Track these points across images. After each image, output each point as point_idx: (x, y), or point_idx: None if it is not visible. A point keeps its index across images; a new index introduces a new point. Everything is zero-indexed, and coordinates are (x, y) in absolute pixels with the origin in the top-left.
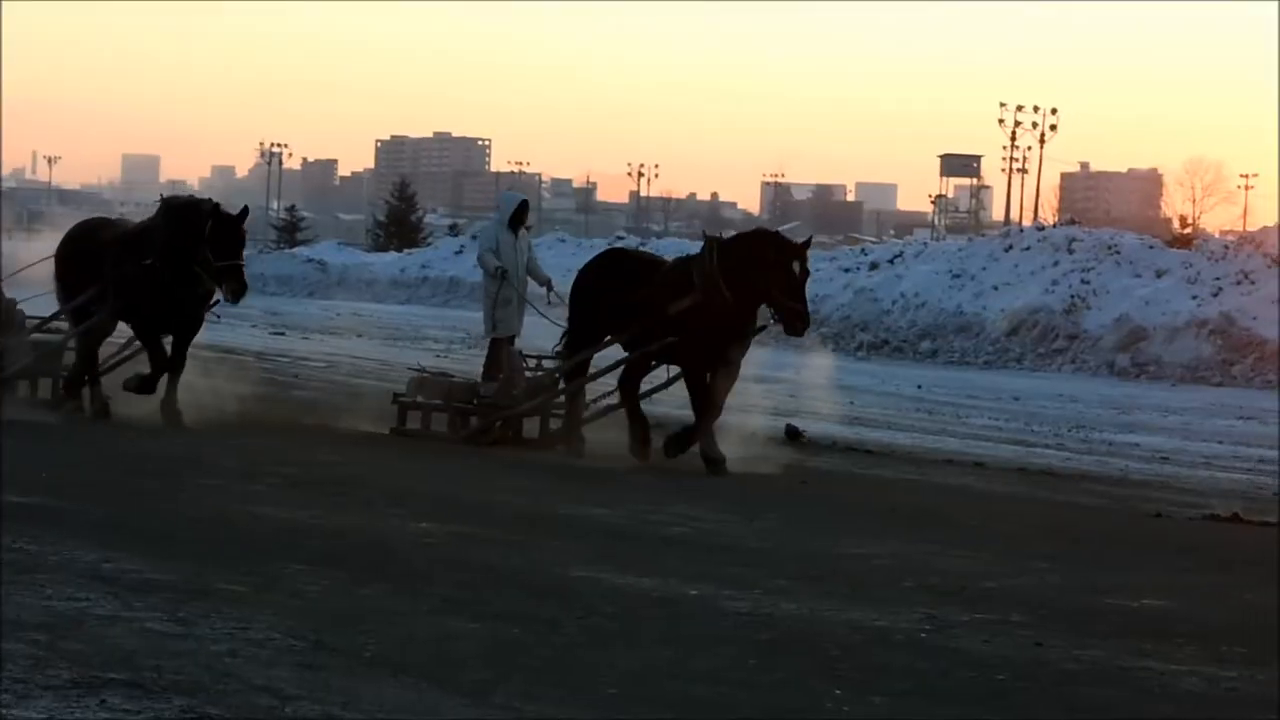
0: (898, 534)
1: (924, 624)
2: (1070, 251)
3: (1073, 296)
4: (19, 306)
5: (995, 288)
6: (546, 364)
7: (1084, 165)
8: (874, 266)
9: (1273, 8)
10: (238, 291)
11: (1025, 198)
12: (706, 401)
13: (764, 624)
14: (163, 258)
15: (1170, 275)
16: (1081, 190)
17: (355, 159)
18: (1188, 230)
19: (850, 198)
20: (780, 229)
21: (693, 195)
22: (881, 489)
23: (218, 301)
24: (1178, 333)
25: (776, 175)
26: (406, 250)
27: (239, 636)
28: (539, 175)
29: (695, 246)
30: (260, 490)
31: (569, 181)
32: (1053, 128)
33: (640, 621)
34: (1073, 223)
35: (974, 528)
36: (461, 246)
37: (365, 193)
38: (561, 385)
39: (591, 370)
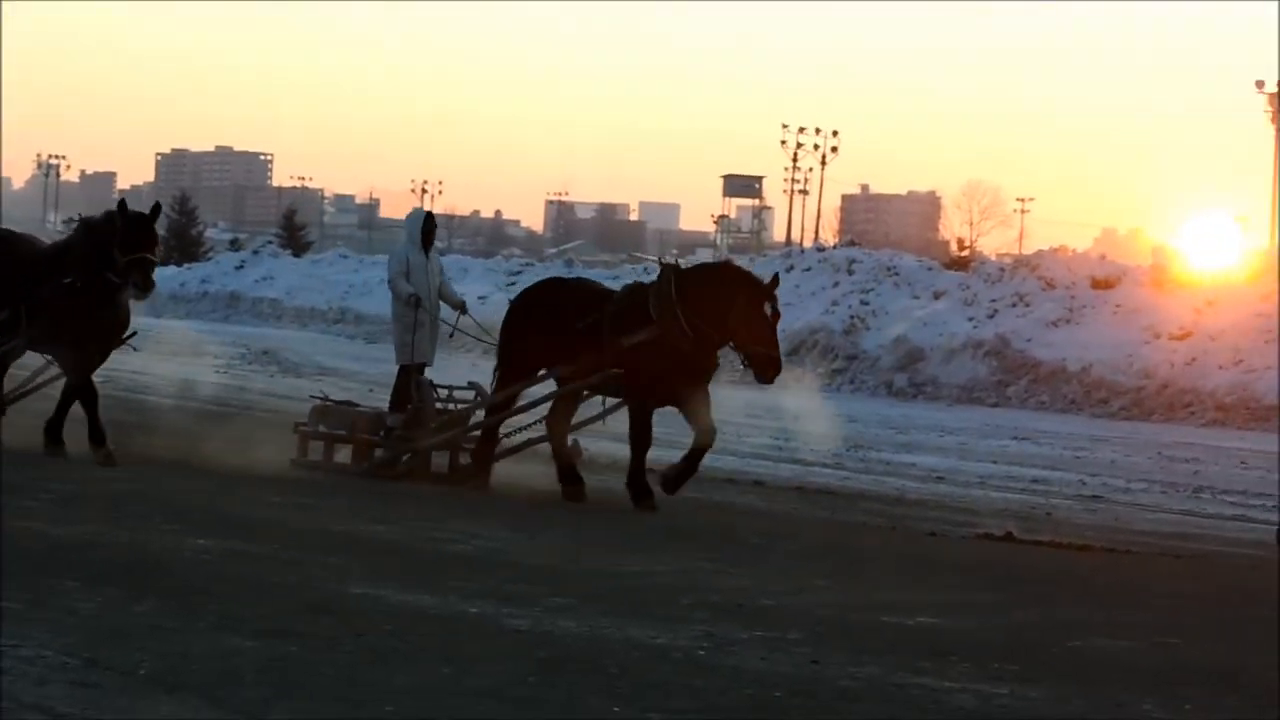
0: (678, 551)
1: (703, 641)
2: (850, 272)
3: (852, 317)
4: None
5: None
6: (459, 394)
7: (864, 187)
8: None
9: (1047, 38)
10: (142, 285)
11: (806, 219)
12: (645, 437)
13: (544, 641)
14: (81, 274)
15: (948, 297)
16: (861, 212)
17: (135, 172)
18: (965, 253)
19: (634, 217)
20: (563, 247)
21: (476, 213)
22: (663, 507)
23: (134, 334)
24: (954, 354)
25: (560, 194)
26: (186, 265)
27: (10, 654)
28: (321, 191)
29: (476, 264)
30: (32, 506)
31: (352, 197)
32: (834, 150)
33: (419, 639)
34: (853, 244)
35: (754, 546)
36: (242, 262)
37: (146, 206)
38: (479, 417)
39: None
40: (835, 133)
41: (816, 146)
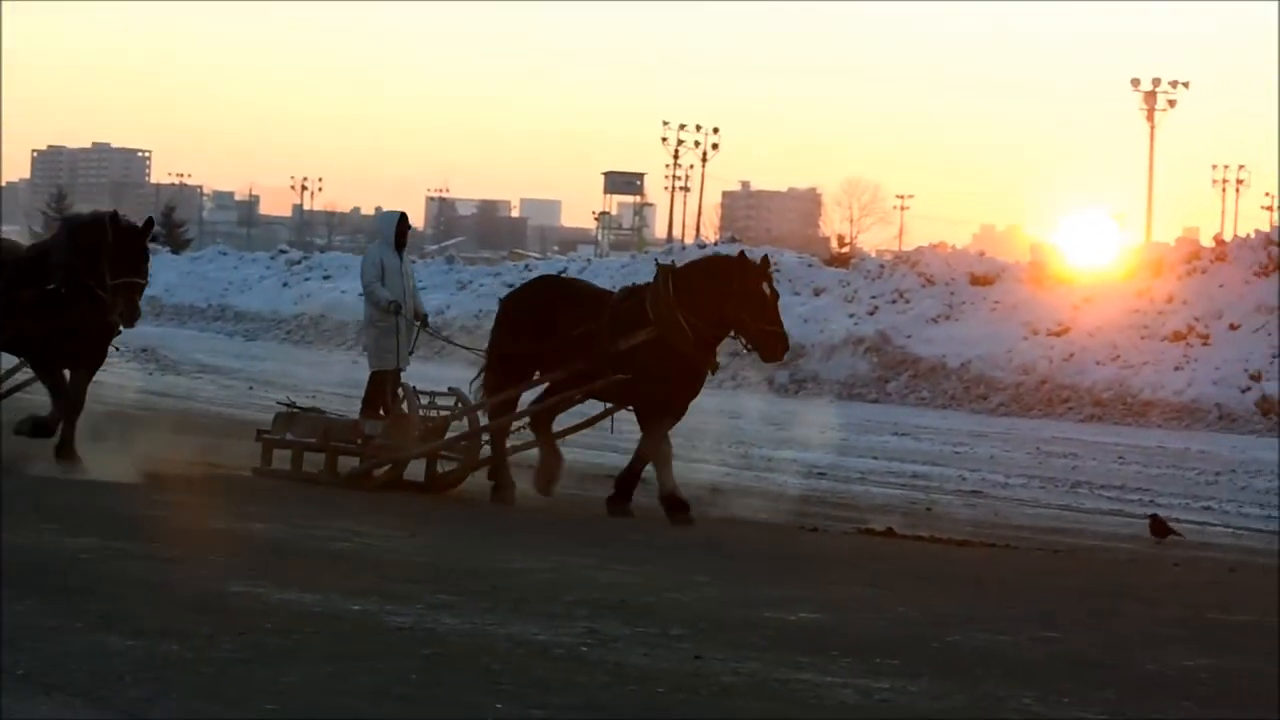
0: (560, 549)
1: (585, 638)
2: None
3: None
4: None
5: None
6: (441, 401)
7: (745, 184)
8: None
9: (926, 35)
10: (128, 316)
11: (687, 215)
12: (665, 450)
13: (426, 639)
14: (67, 282)
15: (828, 293)
16: (742, 208)
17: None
18: (845, 249)
19: (515, 214)
20: (444, 244)
21: (357, 209)
22: (544, 504)
23: (119, 332)
24: (835, 350)
25: (441, 190)
26: None
27: None
28: (200, 188)
29: (358, 261)
30: None
31: (231, 194)
32: (714, 147)
33: (301, 637)
34: (734, 240)
35: (636, 543)
36: None
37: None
38: (479, 424)
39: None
40: (716, 130)
41: (697, 144)
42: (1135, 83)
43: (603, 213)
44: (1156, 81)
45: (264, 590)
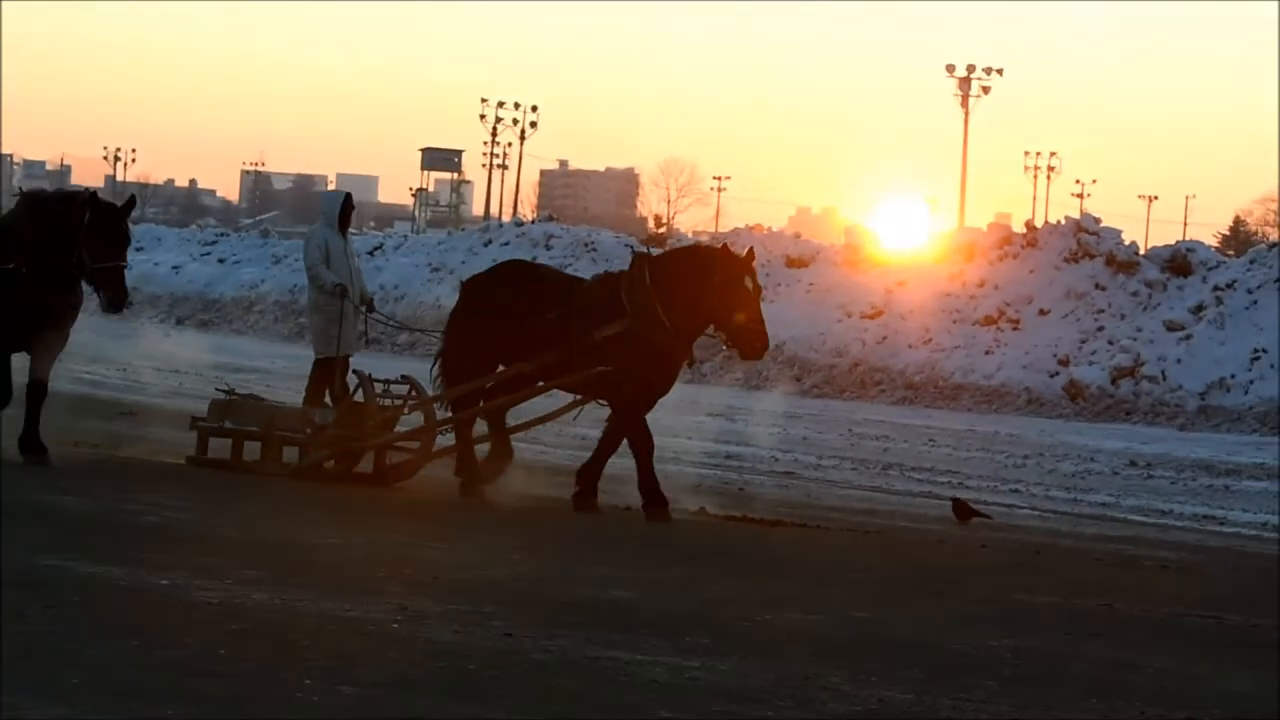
0: (373, 525)
1: (396, 614)
2: (548, 248)
3: None
4: None
5: None
6: (395, 389)
7: (563, 163)
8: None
9: (744, 17)
10: (115, 300)
11: (505, 193)
12: (647, 440)
13: (235, 614)
14: (30, 260)
15: None
16: (560, 187)
17: None
18: (662, 229)
19: (331, 188)
20: (260, 218)
21: (171, 181)
22: (366, 481)
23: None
24: None
25: (256, 164)
26: None
27: None
28: (10, 156)
29: (170, 234)
30: None
31: (42, 164)
32: (533, 125)
33: (108, 611)
34: (551, 219)
35: (449, 521)
36: None
37: None
38: (435, 414)
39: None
40: (535, 108)
41: (516, 121)
42: (950, 69)
43: (420, 189)
44: (971, 68)
45: (72, 564)
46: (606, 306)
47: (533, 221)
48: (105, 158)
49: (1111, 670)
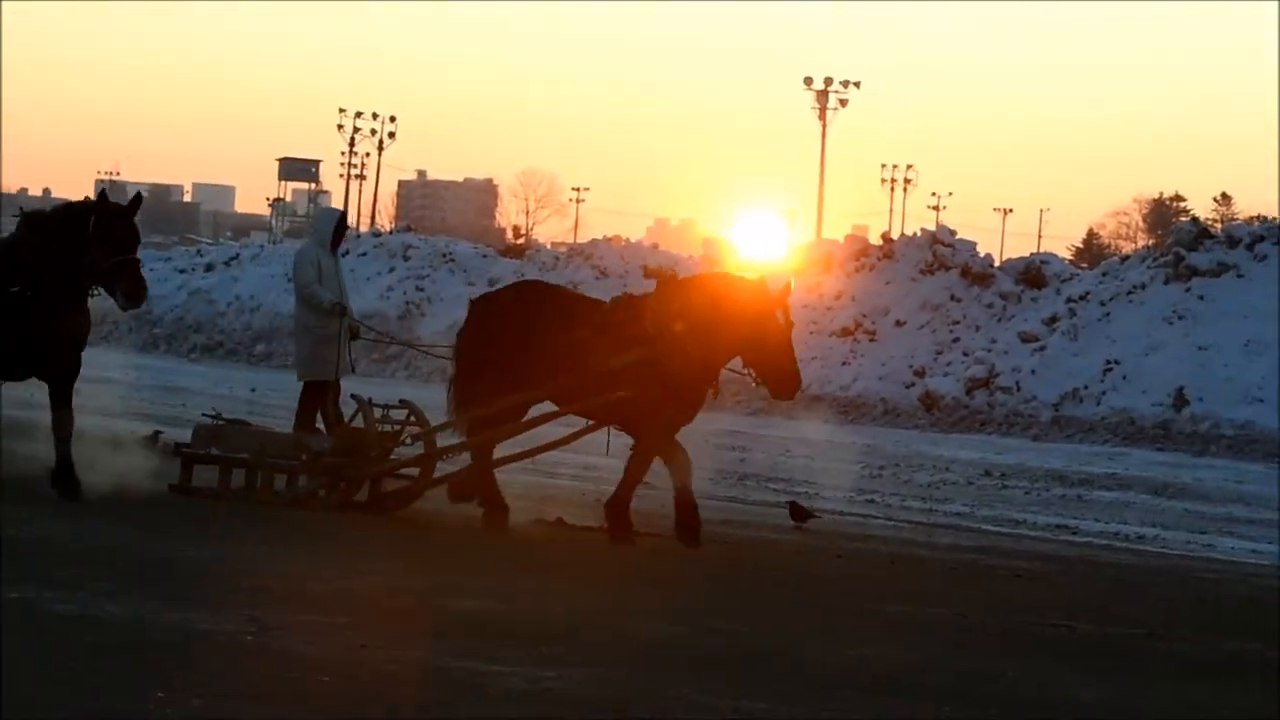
0: (231, 537)
1: (249, 626)
2: (406, 258)
3: (408, 302)
4: None
5: None
6: (394, 414)
7: (421, 173)
8: (209, 268)
9: (602, 28)
10: (134, 293)
11: (363, 204)
12: (642, 471)
13: (90, 626)
14: (37, 283)
15: (503, 284)
16: (418, 198)
17: None
18: (521, 240)
19: (188, 198)
20: None
21: (24, 189)
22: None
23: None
24: None
25: (111, 173)
26: None
27: None
28: None
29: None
30: None
31: None
32: (391, 135)
33: None
34: (409, 229)
35: (310, 534)
36: None
37: None
38: (435, 440)
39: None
40: (393, 118)
41: (374, 131)
42: (808, 81)
43: (277, 199)
44: (829, 81)
45: None
46: (628, 332)
47: (390, 232)
48: None
49: (966, 679)
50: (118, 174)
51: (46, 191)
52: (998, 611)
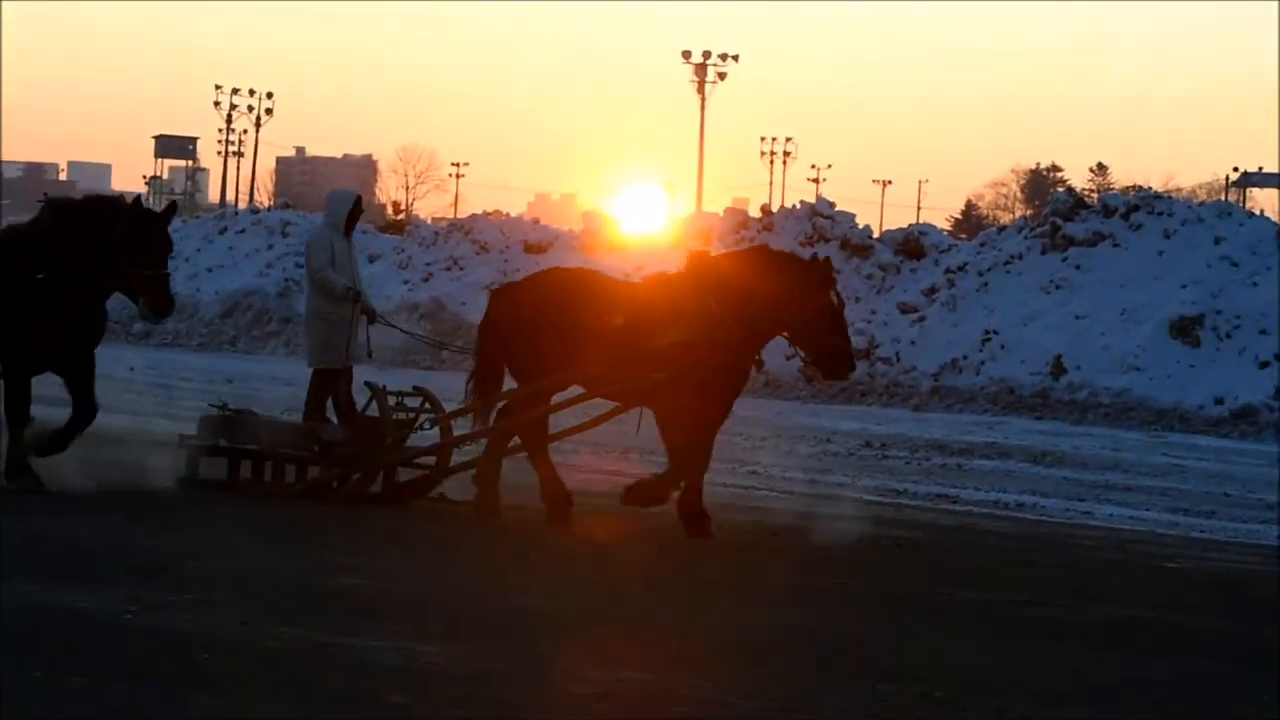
0: (106, 515)
1: (129, 605)
2: (285, 235)
3: (287, 280)
4: None
5: (210, 270)
6: (409, 403)
7: (300, 149)
8: None
9: (473, 7)
10: (161, 307)
11: (241, 181)
12: (686, 456)
13: None
14: (63, 271)
15: (383, 260)
16: (297, 174)
17: None
18: (401, 216)
19: (63, 177)
20: None
21: None
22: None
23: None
24: (389, 316)
25: None
26: None
27: None
28: None
29: None
30: None
31: None
32: (269, 111)
33: None
34: (288, 206)
35: (187, 512)
36: None
37: None
38: (451, 428)
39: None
40: (270, 94)
41: (251, 108)
42: (686, 55)
43: (154, 177)
44: (707, 54)
45: None
46: (666, 311)
47: (269, 209)
48: None
49: (846, 647)
50: None
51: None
52: (877, 580)
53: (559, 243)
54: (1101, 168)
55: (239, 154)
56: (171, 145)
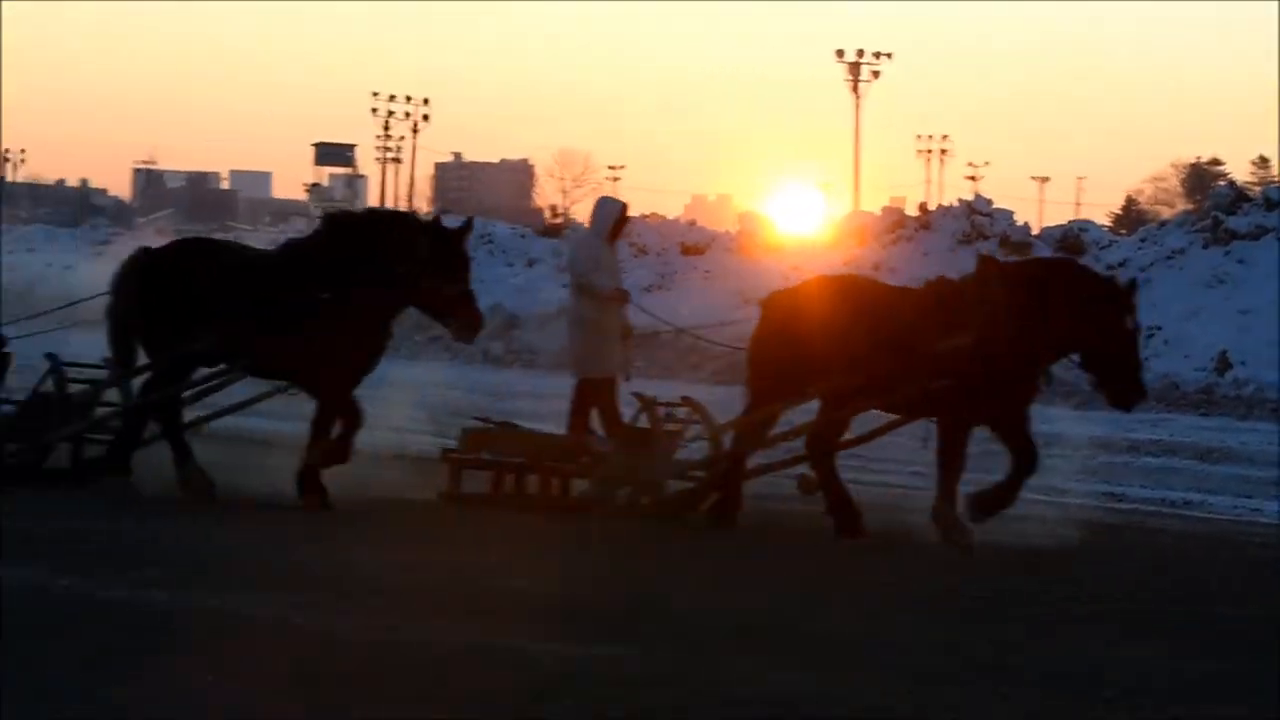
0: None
1: (294, 610)
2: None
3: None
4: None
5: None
6: (679, 414)
7: (457, 155)
8: None
9: (630, 5)
10: (472, 325)
11: (400, 187)
12: (957, 461)
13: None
14: (344, 291)
15: (542, 264)
16: (455, 180)
17: None
18: (559, 219)
19: (225, 185)
20: (153, 216)
21: (62, 181)
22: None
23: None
24: (549, 320)
25: (148, 162)
26: None
27: None
28: None
29: (63, 234)
30: None
31: None
32: (425, 118)
33: None
34: (446, 212)
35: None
36: None
37: None
38: (721, 438)
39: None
40: (426, 100)
41: (408, 114)
42: (840, 54)
43: (314, 184)
44: (860, 53)
45: None
46: (951, 316)
47: (428, 214)
48: None
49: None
50: (154, 163)
51: (84, 182)
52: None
53: (715, 244)
54: (1263, 160)
55: (397, 160)
56: (330, 152)
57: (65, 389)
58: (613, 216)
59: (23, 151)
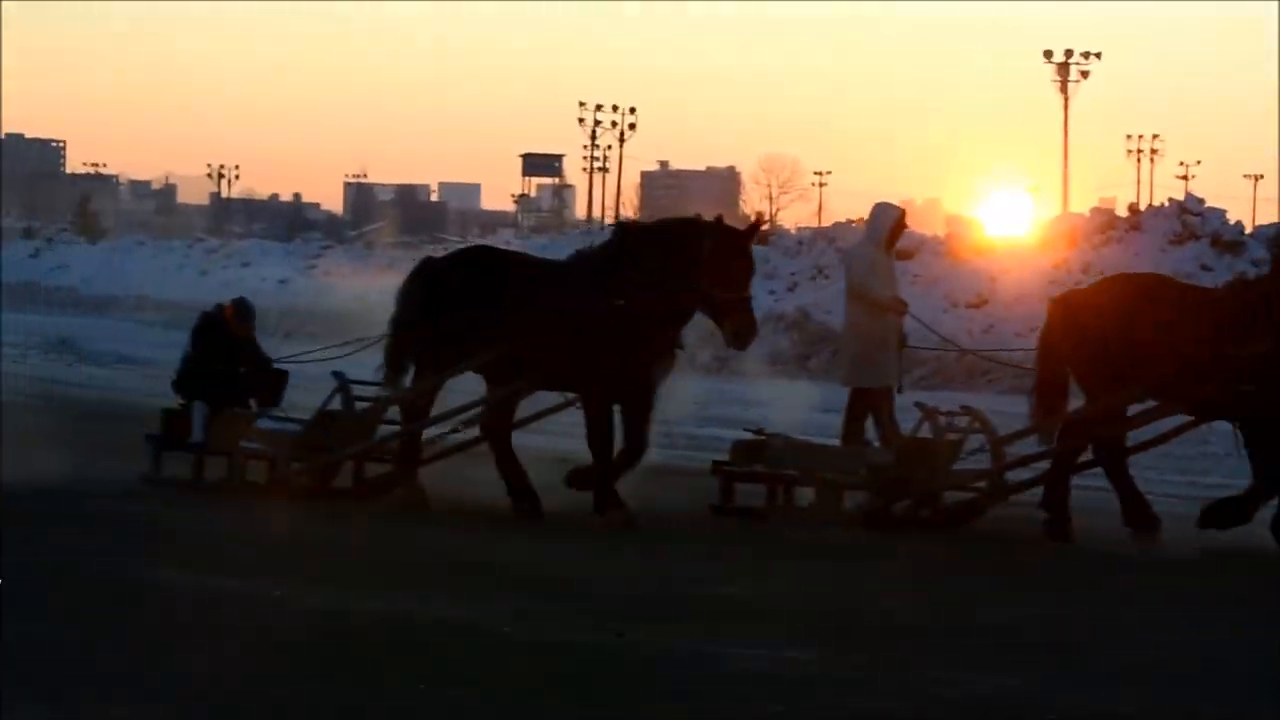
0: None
1: (508, 619)
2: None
3: None
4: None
5: None
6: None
7: (663, 163)
8: None
9: (836, 9)
10: (746, 333)
11: (607, 196)
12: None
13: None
14: (636, 299)
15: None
16: (662, 188)
17: None
18: (766, 226)
19: (434, 198)
20: (364, 230)
21: (275, 196)
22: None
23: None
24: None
25: (359, 175)
26: None
27: None
28: (116, 177)
29: (277, 248)
30: None
31: (148, 184)
32: (631, 126)
33: None
34: None
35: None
36: (36, 250)
37: None
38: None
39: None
40: (633, 109)
41: (615, 124)
42: (1048, 54)
43: (522, 195)
44: (1069, 53)
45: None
46: (1246, 319)
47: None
48: (209, 175)
49: None
50: (365, 176)
51: (297, 197)
52: None
53: (924, 248)
54: None
55: (604, 169)
56: (538, 163)
57: (352, 407)
58: (889, 223)
59: (237, 167)
